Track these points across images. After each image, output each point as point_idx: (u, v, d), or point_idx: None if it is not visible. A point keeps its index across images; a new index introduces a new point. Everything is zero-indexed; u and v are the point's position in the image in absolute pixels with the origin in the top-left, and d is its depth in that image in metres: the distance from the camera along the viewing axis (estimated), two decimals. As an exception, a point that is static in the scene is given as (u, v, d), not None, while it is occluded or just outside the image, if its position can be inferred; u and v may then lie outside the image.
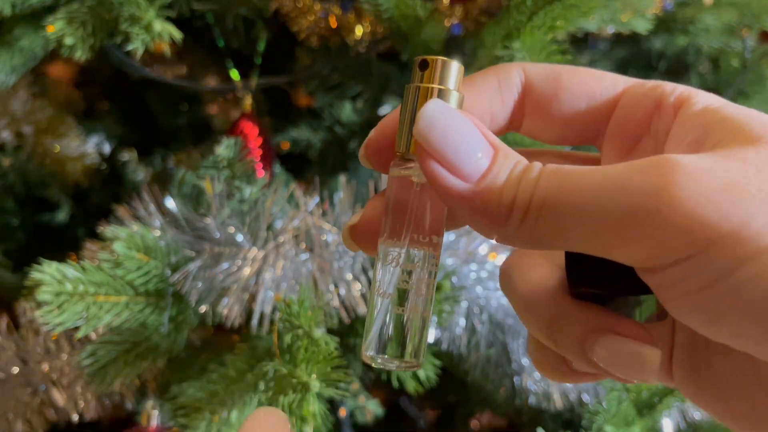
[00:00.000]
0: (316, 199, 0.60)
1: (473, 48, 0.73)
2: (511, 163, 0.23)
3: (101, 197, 1.00)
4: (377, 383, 0.81)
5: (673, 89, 0.26)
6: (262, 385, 0.51)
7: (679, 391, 0.28)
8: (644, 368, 0.24)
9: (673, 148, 0.25)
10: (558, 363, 0.28)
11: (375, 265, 0.27)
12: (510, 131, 0.30)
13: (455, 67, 0.26)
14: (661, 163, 0.21)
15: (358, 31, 0.74)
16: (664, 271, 0.21)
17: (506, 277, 0.28)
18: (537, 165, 0.23)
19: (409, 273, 0.26)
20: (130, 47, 0.60)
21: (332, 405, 0.73)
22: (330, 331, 0.56)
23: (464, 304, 0.61)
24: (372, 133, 0.28)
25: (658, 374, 0.24)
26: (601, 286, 0.25)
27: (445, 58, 0.26)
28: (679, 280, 0.21)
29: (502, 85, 0.28)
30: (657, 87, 0.27)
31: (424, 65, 0.26)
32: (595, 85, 0.28)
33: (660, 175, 0.20)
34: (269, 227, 0.59)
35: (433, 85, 0.26)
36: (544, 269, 0.27)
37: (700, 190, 0.20)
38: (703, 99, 0.25)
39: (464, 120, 0.24)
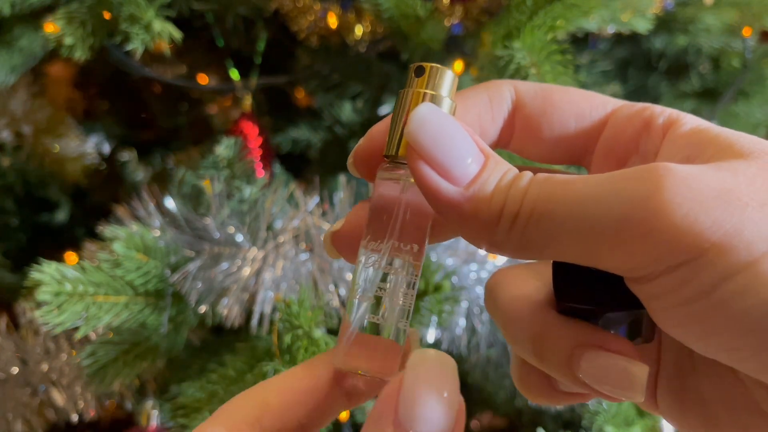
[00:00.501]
0: (316, 199, 0.60)
1: (473, 47, 0.72)
2: (501, 170, 0.23)
3: (101, 197, 1.00)
4: (377, 383, 0.81)
5: (662, 111, 0.26)
6: (261, 386, 0.51)
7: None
8: (632, 385, 0.23)
9: None
10: (543, 384, 0.27)
11: (354, 269, 0.27)
12: (499, 148, 0.29)
13: (450, 75, 0.26)
14: (653, 169, 0.20)
15: (358, 30, 0.74)
16: (654, 280, 0.21)
17: (491, 294, 0.28)
18: (527, 174, 0.23)
19: (388, 281, 0.26)
20: (129, 47, 0.60)
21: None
22: (330, 331, 0.56)
23: (464, 304, 0.61)
24: (361, 141, 0.28)
25: (644, 392, 0.23)
26: (589, 299, 0.24)
27: (441, 66, 0.26)
28: (670, 290, 0.20)
29: (492, 101, 0.28)
30: (646, 108, 0.27)
31: (420, 71, 0.26)
32: (585, 105, 0.28)
33: (652, 181, 0.20)
34: (269, 227, 0.59)
35: (427, 91, 0.26)
36: (530, 286, 0.27)
37: (693, 195, 0.19)
38: (691, 120, 0.25)
39: (456, 124, 0.24)
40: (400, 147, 0.25)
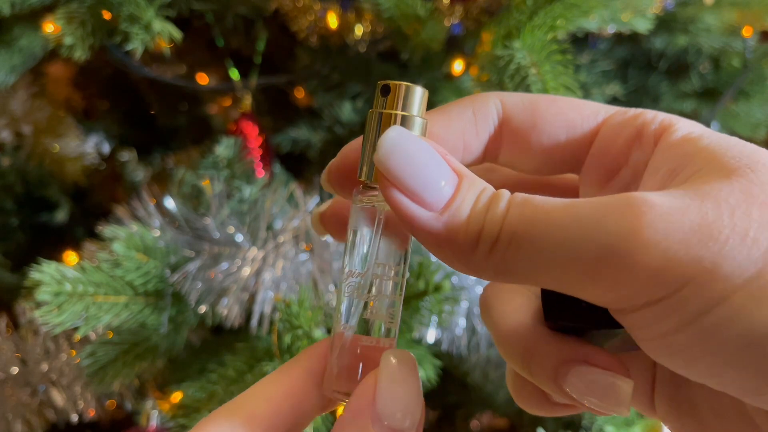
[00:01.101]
0: (316, 198, 0.60)
1: (473, 47, 0.72)
2: (476, 190, 0.23)
3: (101, 197, 1.00)
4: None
5: (654, 117, 0.26)
6: (261, 386, 0.51)
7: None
8: (617, 400, 0.23)
9: (649, 178, 0.25)
10: (536, 395, 0.28)
11: (337, 296, 0.26)
12: (486, 162, 0.29)
13: (419, 92, 0.25)
14: (632, 203, 0.20)
15: (358, 30, 0.74)
16: (635, 312, 0.21)
17: (485, 307, 0.28)
18: (505, 193, 0.22)
19: (373, 304, 0.25)
20: (129, 47, 0.60)
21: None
22: (330, 331, 0.56)
23: (464, 305, 0.61)
24: (334, 160, 0.28)
25: (629, 406, 0.23)
26: (577, 320, 0.24)
27: (408, 84, 0.25)
28: (651, 322, 0.20)
29: (477, 116, 0.27)
30: (638, 116, 0.26)
31: (386, 90, 0.25)
32: (575, 114, 0.27)
33: (631, 216, 0.20)
34: (269, 227, 0.59)
35: (396, 112, 0.25)
36: (522, 299, 0.27)
37: (673, 232, 0.19)
38: (684, 127, 0.25)
39: (427, 147, 0.23)
40: (373, 172, 0.25)
